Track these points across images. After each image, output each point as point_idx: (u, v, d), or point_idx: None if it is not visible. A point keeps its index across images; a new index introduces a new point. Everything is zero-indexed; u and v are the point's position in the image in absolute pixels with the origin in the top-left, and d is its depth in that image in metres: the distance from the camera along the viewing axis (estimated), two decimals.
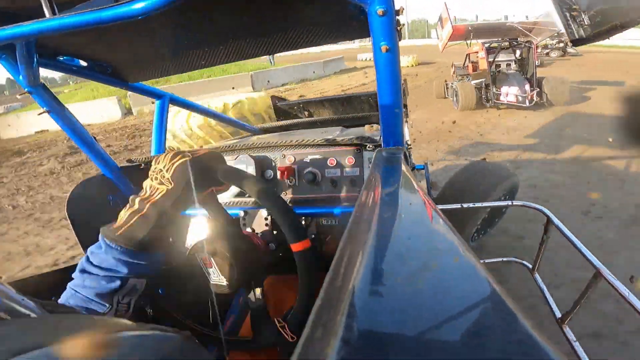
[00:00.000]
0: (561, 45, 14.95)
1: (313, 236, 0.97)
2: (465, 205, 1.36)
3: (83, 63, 1.03)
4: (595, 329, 1.89)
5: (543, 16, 6.48)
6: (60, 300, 0.63)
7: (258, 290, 0.81)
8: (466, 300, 0.25)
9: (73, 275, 0.64)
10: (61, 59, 0.97)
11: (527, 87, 6.60)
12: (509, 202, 1.37)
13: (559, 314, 1.13)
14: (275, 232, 0.97)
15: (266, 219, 0.98)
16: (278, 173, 1.00)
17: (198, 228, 1.20)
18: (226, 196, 1.07)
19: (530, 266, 1.38)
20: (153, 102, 1.40)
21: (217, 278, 0.74)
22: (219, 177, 0.71)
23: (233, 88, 13.01)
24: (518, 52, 7.10)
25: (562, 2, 0.63)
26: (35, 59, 0.82)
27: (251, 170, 1.03)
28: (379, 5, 0.65)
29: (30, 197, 5.04)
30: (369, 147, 0.94)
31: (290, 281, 0.65)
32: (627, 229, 2.84)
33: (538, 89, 6.54)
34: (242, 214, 0.99)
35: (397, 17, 0.72)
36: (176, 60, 1.10)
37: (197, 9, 0.75)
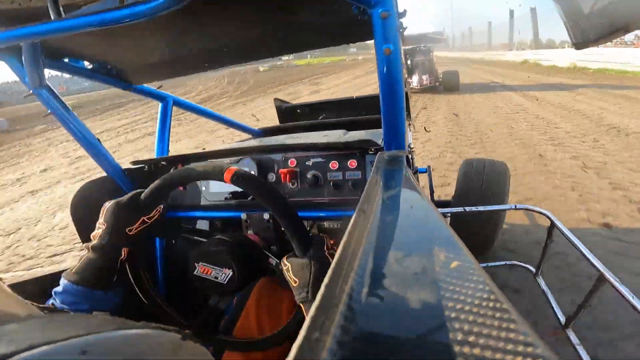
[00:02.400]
0: None
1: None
2: (467, 209, 1.35)
3: (88, 65, 1.04)
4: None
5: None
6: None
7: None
8: (463, 303, 0.25)
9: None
10: (66, 60, 0.98)
11: (425, 77, 10.14)
12: (513, 206, 1.37)
13: (562, 319, 1.13)
14: (277, 234, 0.97)
15: (268, 221, 0.98)
16: (280, 176, 1.00)
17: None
18: (227, 198, 1.08)
19: (534, 270, 1.37)
20: None
21: (217, 279, 0.75)
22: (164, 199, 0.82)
23: None
24: (428, 54, 10.74)
25: (564, 4, 0.63)
26: (41, 61, 0.83)
27: (253, 173, 1.03)
28: (382, 8, 0.65)
29: None
30: (371, 151, 0.94)
31: (285, 283, 0.65)
32: None
33: (434, 77, 10.19)
34: (244, 216, 1.00)
35: (400, 19, 0.73)
36: (179, 62, 1.11)
37: (201, 11, 0.75)
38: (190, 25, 0.84)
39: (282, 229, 0.68)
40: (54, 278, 0.85)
